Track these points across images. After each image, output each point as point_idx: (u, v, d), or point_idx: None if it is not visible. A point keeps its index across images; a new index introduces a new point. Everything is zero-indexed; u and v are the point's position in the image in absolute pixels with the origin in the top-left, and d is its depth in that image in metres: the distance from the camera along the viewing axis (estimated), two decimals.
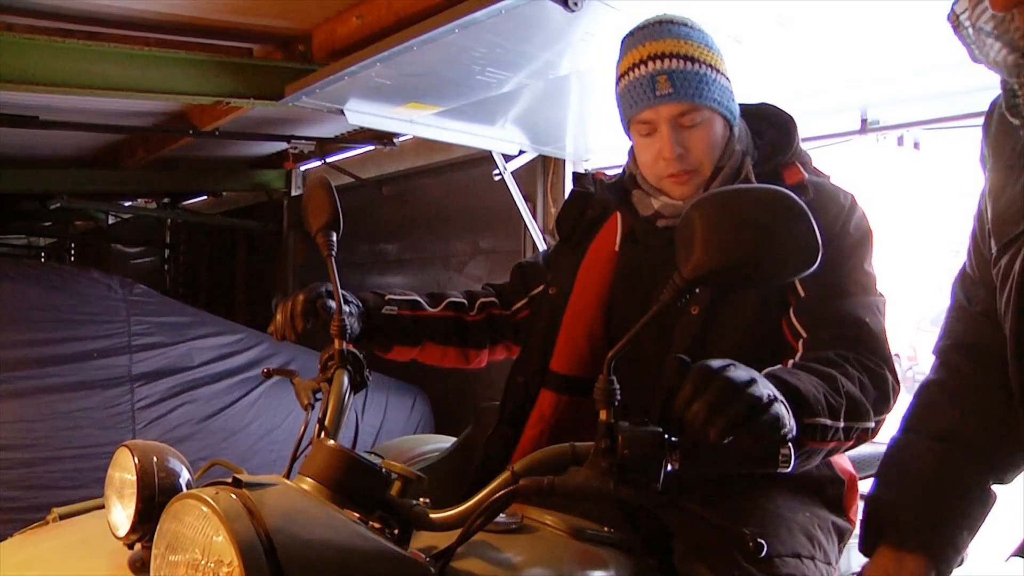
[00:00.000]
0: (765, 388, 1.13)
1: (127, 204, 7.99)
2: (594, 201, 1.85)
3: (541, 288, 1.93)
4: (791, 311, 1.58)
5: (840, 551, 1.64)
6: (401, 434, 4.32)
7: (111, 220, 9.30)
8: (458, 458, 2.92)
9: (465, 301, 2.08)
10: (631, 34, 1.69)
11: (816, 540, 1.54)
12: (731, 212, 1.08)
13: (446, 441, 3.12)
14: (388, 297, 2.04)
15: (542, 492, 1.12)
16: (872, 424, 1.45)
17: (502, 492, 1.14)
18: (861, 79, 2.92)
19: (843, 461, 1.71)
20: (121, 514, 1.49)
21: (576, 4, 2.09)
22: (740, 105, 1.72)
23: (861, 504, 1.56)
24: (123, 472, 1.52)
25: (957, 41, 1.15)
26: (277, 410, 4.22)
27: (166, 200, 7.91)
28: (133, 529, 1.45)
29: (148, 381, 3.97)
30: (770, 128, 1.75)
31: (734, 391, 1.09)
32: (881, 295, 1.61)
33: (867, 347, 1.51)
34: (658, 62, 1.60)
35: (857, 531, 1.54)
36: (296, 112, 3.43)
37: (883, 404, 1.48)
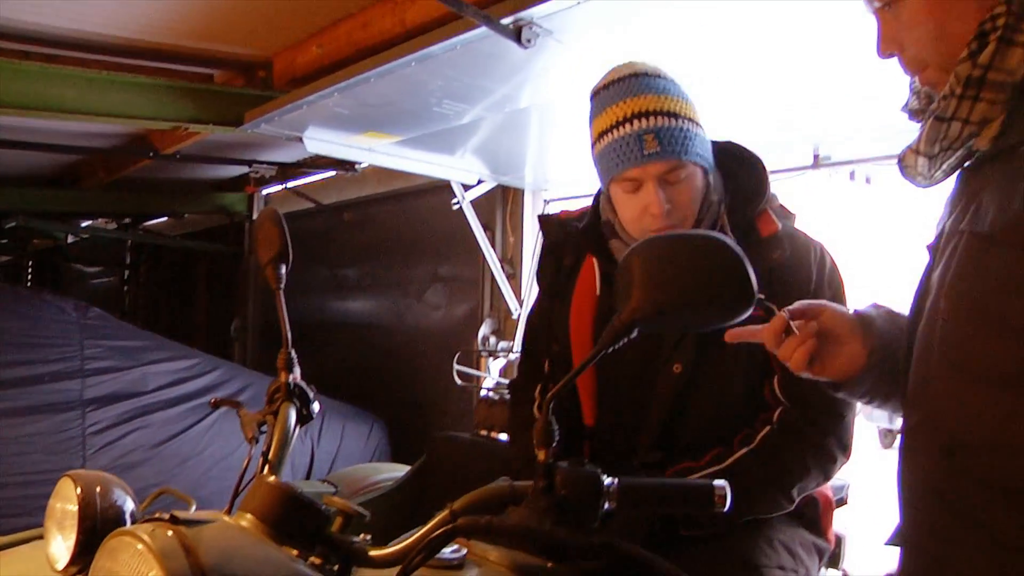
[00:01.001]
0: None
1: (85, 224, 7.90)
2: (567, 248, 1.85)
3: (550, 348, 1.88)
4: (775, 379, 1.65)
5: (819, 569, 1.75)
6: (358, 461, 4.31)
7: (70, 239, 9.18)
8: (411, 487, 2.93)
9: None
10: (605, 88, 1.70)
11: (798, 557, 1.65)
12: (668, 258, 1.11)
13: (400, 469, 3.13)
14: None
15: (480, 531, 1.13)
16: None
17: (440, 530, 1.15)
18: (813, 116, 2.99)
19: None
20: (61, 546, 1.48)
21: (529, 41, 2.13)
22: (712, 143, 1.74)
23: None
24: (65, 503, 1.50)
25: (905, 80, 1.21)
26: (232, 437, 4.19)
27: (127, 220, 7.83)
28: (72, 562, 1.43)
29: (100, 406, 3.92)
30: (740, 168, 1.76)
31: None
32: None
33: (836, 436, 1.65)
34: (644, 120, 1.61)
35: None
36: (258, 137, 3.44)
37: (824, 481, 1.67)
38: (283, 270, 1.67)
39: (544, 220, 1.92)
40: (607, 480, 1.13)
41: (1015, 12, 0.98)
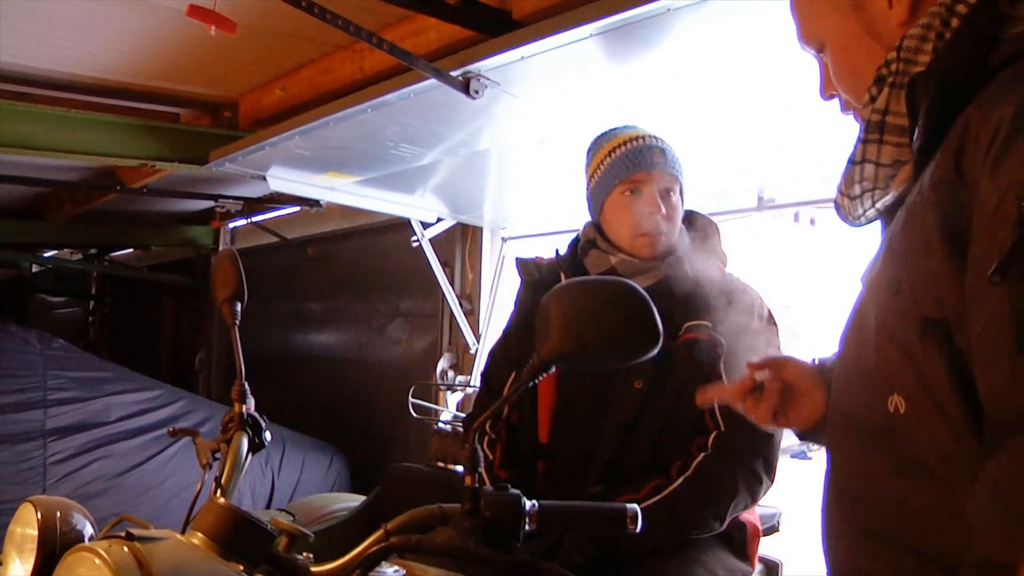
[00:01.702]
0: None
1: (49, 254, 7.91)
2: (542, 287, 1.98)
3: (517, 375, 2.02)
4: (715, 402, 1.78)
5: None
6: (318, 491, 4.35)
7: (35, 269, 9.17)
8: (366, 516, 3.01)
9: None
10: (610, 130, 2.00)
11: (714, 574, 1.78)
12: (582, 302, 1.24)
13: (357, 499, 3.21)
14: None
15: (410, 548, 1.25)
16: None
17: (376, 548, 1.26)
18: (758, 160, 3.15)
19: (748, 512, 1.93)
20: (19, 569, 1.53)
21: (477, 92, 2.26)
22: None
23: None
24: (25, 527, 1.55)
25: (849, 126, 1.24)
26: (192, 468, 4.20)
27: (92, 251, 7.86)
28: None
29: (62, 436, 3.95)
30: (696, 232, 2.01)
31: None
32: None
33: (763, 457, 1.80)
34: (653, 139, 1.94)
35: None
36: (224, 172, 3.56)
37: (751, 504, 1.82)
38: (238, 307, 1.78)
39: (521, 262, 2.10)
40: (528, 504, 1.24)
41: (904, 58, 1.01)
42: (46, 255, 7.92)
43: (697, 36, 2.05)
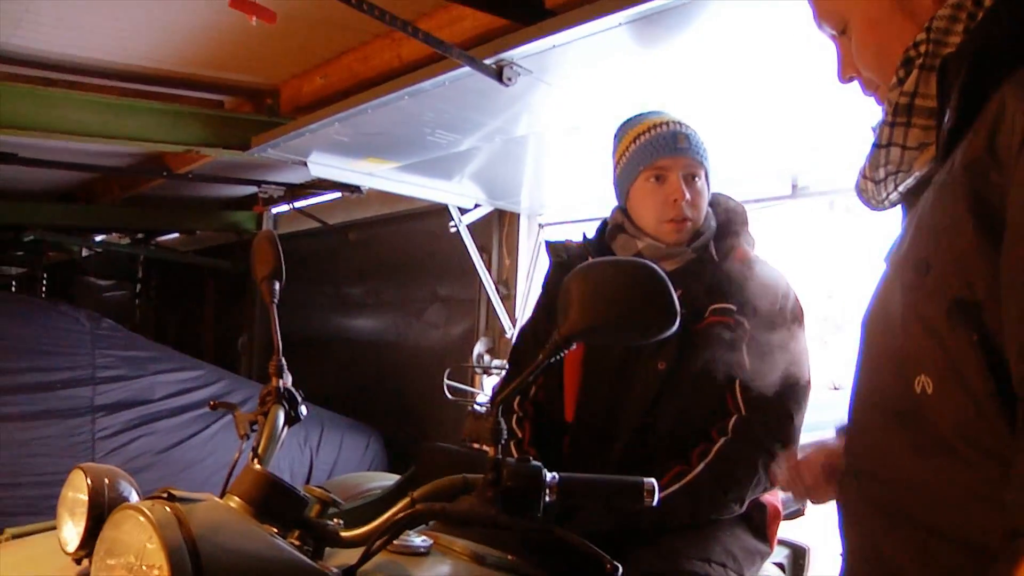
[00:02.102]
0: None
1: (99, 239, 8.11)
2: (570, 269, 2.03)
3: None
4: (737, 384, 1.84)
5: (757, 570, 1.91)
6: (355, 471, 4.44)
7: (84, 253, 9.39)
8: (401, 495, 3.08)
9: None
10: (635, 116, 2.01)
11: (731, 554, 1.80)
12: (602, 282, 1.28)
13: (392, 479, 3.29)
14: None
15: (435, 515, 1.31)
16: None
17: (402, 515, 1.32)
18: (791, 148, 3.16)
19: (770, 493, 1.96)
20: (72, 531, 1.61)
21: (510, 80, 2.31)
22: None
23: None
24: (75, 492, 1.63)
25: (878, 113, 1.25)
26: (233, 445, 4.30)
27: (139, 235, 8.04)
28: (82, 545, 1.55)
29: (109, 412, 4.08)
30: (725, 215, 2.02)
31: None
32: (808, 379, 1.89)
33: (783, 440, 1.81)
34: (677, 125, 1.95)
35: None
36: (266, 159, 3.64)
37: (772, 486, 1.82)
38: (276, 286, 1.85)
39: (550, 245, 2.14)
40: (548, 475, 1.30)
41: (933, 39, 0.99)
42: (96, 239, 8.11)
43: (729, 22, 2.07)
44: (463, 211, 4.32)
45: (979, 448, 0.88)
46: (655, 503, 1.36)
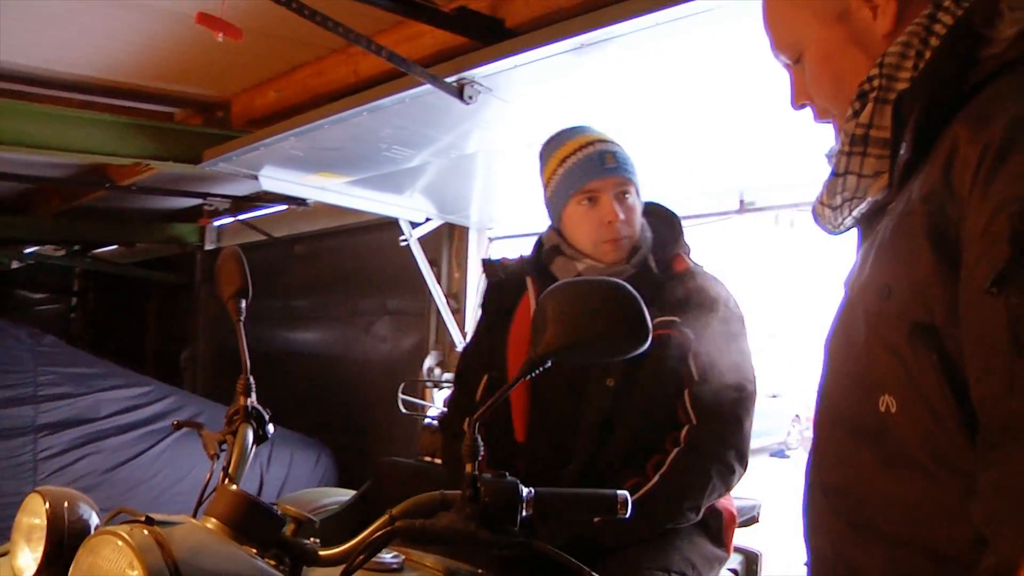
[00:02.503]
0: None
1: (31, 251, 7.89)
2: (508, 287, 2.08)
3: (489, 376, 2.09)
4: (686, 394, 1.88)
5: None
6: (306, 487, 4.41)
7: (15, 265, 9.12)
8: (357, 509, 3.07)
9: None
10: (558, 135, 2.02)
11: (690, 561, 1.84)
12: (576, 300, 1.32)
13: (347, 494, 3.27)
14: None
15: (415, 532, 1.32)
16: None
17: (381, 532, 1.33)
18: (740, 165, 3.24)
19: (725, 499, 2.01)
20: (28, 557, 1.56)
21: (471, 98, 2.33)
22: None
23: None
24: (32, 517, 1.59)
25: (826, 132, 1.27)
26: (183, 462, 4.27)
27: (76, 247, 7.85)
28: (39, 572, 1.52)
29: (53, 431, 3.98)
30: (659, 223, 2.06)
31: None
32: (754, 384, 1.94)
33: (735, 447, 1.88)
34: (603, 144, 1.94)
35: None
36: (213, 171, 3.60)
37: (725, 493, 1.90)
38: (243, 304, 1.85)
39: (487, 263, 2.16)
40: (525, 490, 1.32)
41: (886, 74, 1.04)
42: (27, 251, 7.88)
43: (684, 46, 2.12)
44: (414, 225, 4.33)
45: (943, 463, 0.92)
46: (628, 515, 1.39)
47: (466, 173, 3.57)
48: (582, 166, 1.92)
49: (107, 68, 3.32)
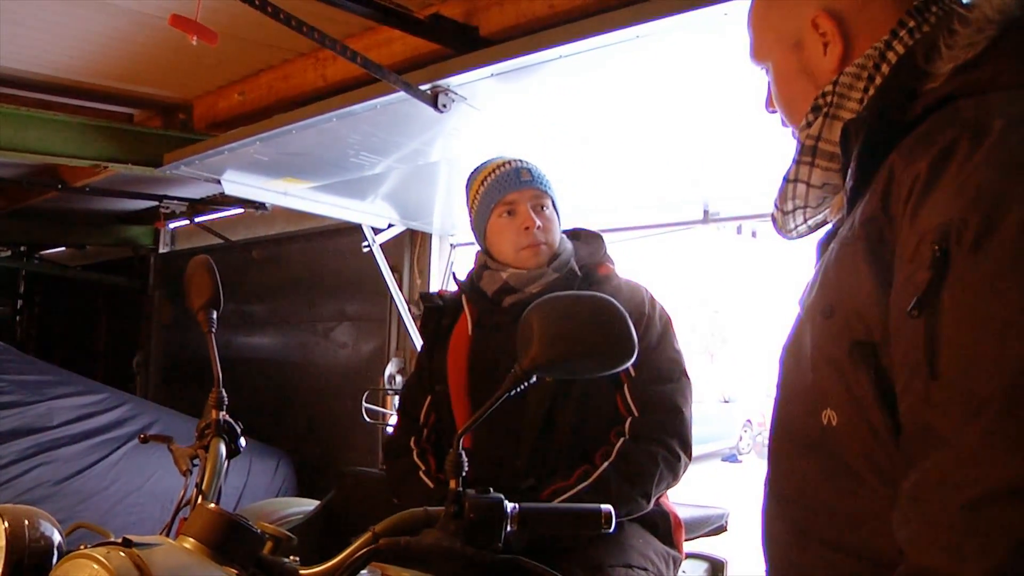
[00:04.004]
0: None
1: None
2: (445, 310, 2.21)
3: (432, 394, 2.19)
4: (625, 388, 1.99)
5: (674, 574, 2.01)
6: (264, 496, 4.32)
7: None
8: (320, 521, 3.03)
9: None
10: (477, 167, 2.21)
11: (648, 557, 1.91)
12: (563, 315, 1.31)
13: (309, 504, 3.22)
14: None
15: (399, 550, 1.30)
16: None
17: (364, 550, 1.31)
18: (704, 175, 3.27)
19: (667, 503, 2.11)
20: None
21: (445, 106, 2.32)
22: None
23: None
24: None
25: (789, 145, 1.31)
26: (138, 472, 4.15)
27: (22, 248, 7.63)
28: None
29: (2, 441, 3.83)
30: (584, 243, 2.22)
31: None
32: (688, 377, 2.06)
33: (678, 435, 1.97)
34: (518, 162, 2.14)
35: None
36: (176, 175, 3.53)
37: (673, 482, 1.99)
38: (214, 315, 1.82)
39: (424, 296, 2.33)
40: (509, 506, 1.31)
41: (838, 92, 1.11)
42: None
43: (654, 59, 2.14)
44: (376, 231, 4.29)
45: (879, 474, 0.97)
46: (612, 529, 1.39)
47: (430, 180, 3.55)
48: (499, 181, 2.10)
49: (64, 67, 3.24)
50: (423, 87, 2.28)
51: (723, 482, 9.27)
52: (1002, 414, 0.80)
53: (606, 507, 1.36)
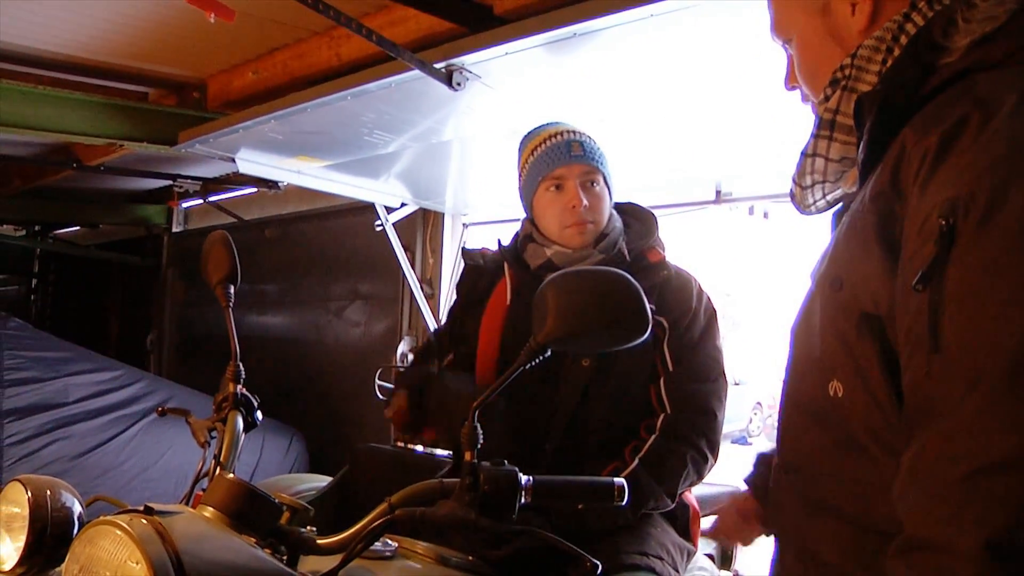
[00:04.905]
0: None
1: None
2: (485, 271, 2.14)
3: (456, 352, 2.16)
4: (661, 382, 1.95)
5: (685, 564, 1.99)
6: (277, 473, 4.36)
7: None
8: (334, 496, 3.06)
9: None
10: (535, 128, 2.08)
11: (665, 547, 1.89)
12: (578, 289, 1.32)
13: (321, 480, 3.25)
14: None
15: (415, 521, 1.32)
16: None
17: (380, 520, 1.33)
18: (716, 156, 3.28)
19: (689, 496, 2.09)
20: (9, 547, 1.53)
21: (459, 84, 2.32)
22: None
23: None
24: (12, 506, 1.57)
25: (801, 125, 1.32)
26: (154, 448, 4.20)
27: (37, 228, 7.68)
28: (21, 562, 1.51)
29: (19, 417, 3.89)
30: (635, 221, 2.13)
31: None
32: (725, 377, 2.01)
33: (708, 436, 1.94)
34: (571, 134, 2.02)
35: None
36: (189, 153, 3.55)
37: (697, 481, 1.97)
38: (231, 290, 1.83)
39: (466, 252, 2.21)
40: (524, 478, 1.33)
41: (857, 65, 1.10)
42: None
43: (669, 38, 2.14)
44: (389, 210, 4.30)
45: (882, 444, 0.98)
46: (624, 502, 1.41)
47: (443, 159, 3.57)
48: (549, 154, 1.99)
49: (80, 46, 3.25)
50: (438, 65, 2.28)
51: (733, 464, 9.30)
52: (1001, 388, 0.81)
53: (619, 480, 1.37)
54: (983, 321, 0.84)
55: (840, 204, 1.20)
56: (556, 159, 1.99)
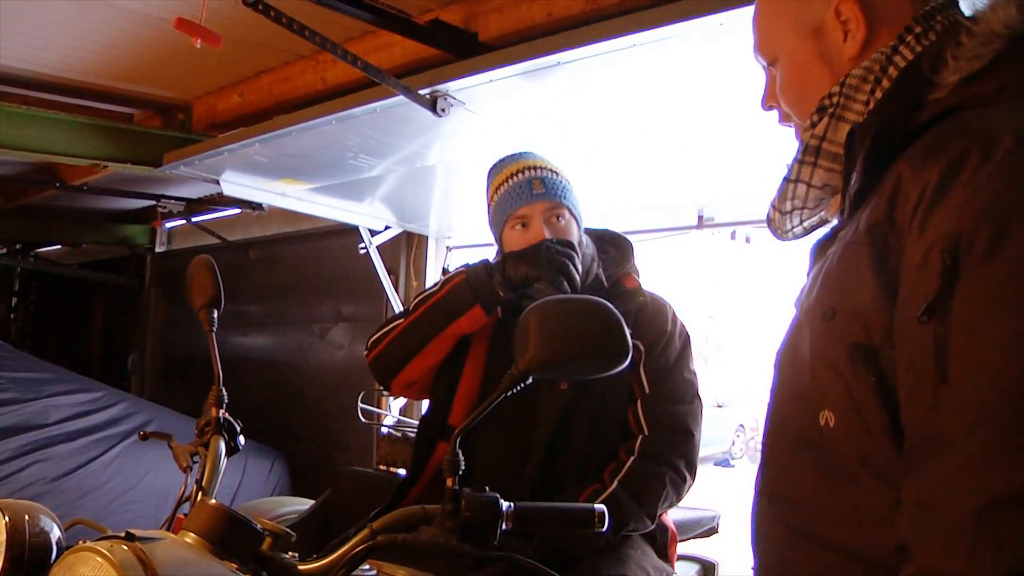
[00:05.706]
0: None
1: None
2: None
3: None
4: (638, 404, 1.99)
5: None
6: (259, 496, 4.33)
7: None
8: (316, 520, 3.04)
9: None
10: (500, 161, 2.11)
11: (644, 570, 1.91)
12: (560, 317, 1.34)
13: (304, 503, 3.24)
14: None
15: (397, 547, 1.32)
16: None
17: (362, 546, 1.33)
18: (699, 181, 3.31)
19: (666, 518, 2.11)
20: None
21: (443, 110, 2.35)
22: (587, 229, 2.14)
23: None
24: None
25: (783, 151, 1.32)
26: (134, 470, 4.17)
27: (18, 246, 7.62)
28: None
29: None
30: (612, 248, 2.18)
31: None
32: (700, 399, 2.06)
33: (686, 456, 1.98)
34: (533, 171, 2.04)
35: None
36: (174, 174, 3.55)
37: (676, 501, 1.99)
38: (215, 314, 1.84)
39: (447, 273, 2.18)
40: (504, 504, 1.34)
41: (844, 94, 1.11)
42: None
43: (650, 66, 2.17)
44: (373, 233, 4.31)
45: (875, 474, 0.98)
46: (604, 529, 1.42)
47: (427, 183, 3.58)
48: (511, 193, 2.03)
49: (66, 66, 3.26)
50: (422, 91, 2.30)
51: (716, 486, 9.31)
52: (1009, 422, 0.82)
53: (599, 507, 1.39)
54: (990, 355, 0.85)
55: (822, 234, 1.21)
56: (518, 198, 2.02)
